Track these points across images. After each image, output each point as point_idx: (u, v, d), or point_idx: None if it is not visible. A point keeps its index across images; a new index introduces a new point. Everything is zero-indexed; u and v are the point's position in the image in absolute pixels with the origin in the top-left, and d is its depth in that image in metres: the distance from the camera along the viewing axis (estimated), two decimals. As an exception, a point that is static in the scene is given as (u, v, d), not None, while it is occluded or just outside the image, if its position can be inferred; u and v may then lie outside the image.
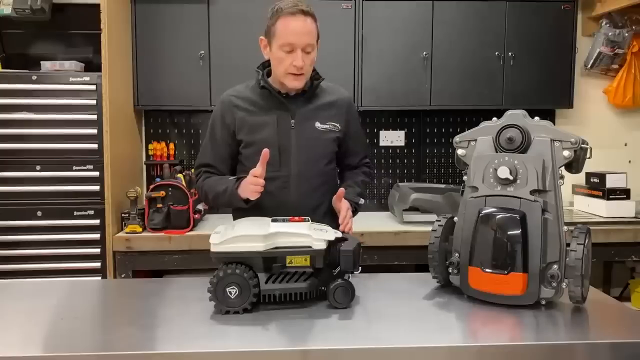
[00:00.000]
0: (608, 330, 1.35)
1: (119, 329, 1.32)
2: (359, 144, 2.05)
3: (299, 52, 1.75)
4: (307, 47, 1.77)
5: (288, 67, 1.78)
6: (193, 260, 2.75)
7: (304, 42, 1.76)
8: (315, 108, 1.89)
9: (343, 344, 1.18)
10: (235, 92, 1.92)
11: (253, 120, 1.86)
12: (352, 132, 1.98)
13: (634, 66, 3.37)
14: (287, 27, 1.75)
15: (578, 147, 1.40)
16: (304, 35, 1.76)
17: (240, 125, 1.87)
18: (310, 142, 1.86)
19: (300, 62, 1.75)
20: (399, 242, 2.82)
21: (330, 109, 1.91)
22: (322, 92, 1.93)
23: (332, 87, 1.98)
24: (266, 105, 1.87)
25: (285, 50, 1.76)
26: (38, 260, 2.84)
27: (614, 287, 3.53)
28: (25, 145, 2.84)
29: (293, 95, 1.88)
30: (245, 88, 1.92)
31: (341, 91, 2.00)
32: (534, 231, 1.36)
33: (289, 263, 1.36)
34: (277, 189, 1.80)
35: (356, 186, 1.97)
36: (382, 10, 3.07)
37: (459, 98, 3.15)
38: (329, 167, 1.93)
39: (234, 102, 1.89)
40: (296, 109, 1.87)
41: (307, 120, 1.87)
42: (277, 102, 1.86)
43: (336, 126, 1.91)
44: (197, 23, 3.02)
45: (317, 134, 1.88)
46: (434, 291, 1.54)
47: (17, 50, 3.22)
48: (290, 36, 1.75)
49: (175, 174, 2.97)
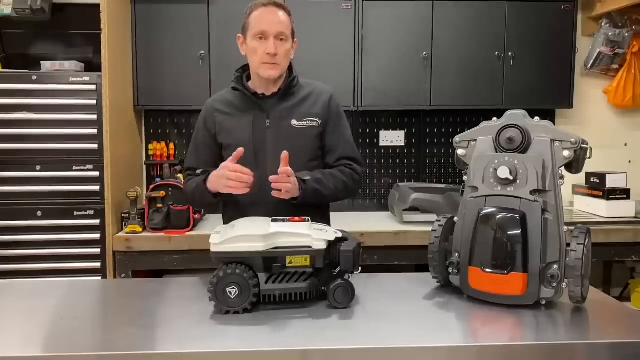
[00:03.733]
0: (608, 330, 1.35)
1: (119, 329, 1.32)
2: (337, 142, 1.93)
3: (271, 39, 1.80)
4: (279, 35, 1.81)
5: (262, 56, 1.81)
6: (193, 260, 2.75)
7: (276, 29, 1.80)
8: (291, 106, 1.89)
9: (343, 344, 1.18)
10: (217, 97, 1.98)
11: (230, 122, 1.89)
12: (330, 129, 1.92)
13: (634, 66, 3.38)
14: (259, 17, 1.83)
15: (578, 147, 1.40)
16: (275, 24, 1.81)
17: (220, 128, 1.91)
18: (287, 141, 1.83)
19: (272, 49, 1.79)
20: (399, 242, 2.82)
21: (306, 104, 1.90)
22: (299, 89, 1.93)
23: (310, 83, 1.97)
24: (243, 106, 1.90)
25: (258, 38, 1.81)
26: (38, 260, 2.84)
27: (614, 287, 3.53)
28: (25, 145, 2.84)
29: (269, 95, 1.90)
30: (226, 92, 1.97)
31: (320, 86, 1.97)
32: (534, 231, 1.36)
33: (289, 263, 1.36)
34: (255, 190, 1.75)
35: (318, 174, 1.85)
36: (382, 10, 3.07)
37: (459, 98, 3.15)
38: (312, 164, 1.89)
39: (215, 106, 1.94)
40: (270, 108, 1.88)
41: (282, 119, 1.87)
42: (252, 103, 1.89)
43: (315, 121, 1.89)
44: (197, 23, 3.02)
45: (294, 132, 1.87)
46: (434, 291, 1.54)
47: (17, 50, 3.22)
48: (262, 24, 1.81)
49: (175, 174, 2.97)
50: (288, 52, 1.86)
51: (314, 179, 1.81)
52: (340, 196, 1.92)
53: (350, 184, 1.91)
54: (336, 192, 1.87)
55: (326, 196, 1.86)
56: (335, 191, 1.86)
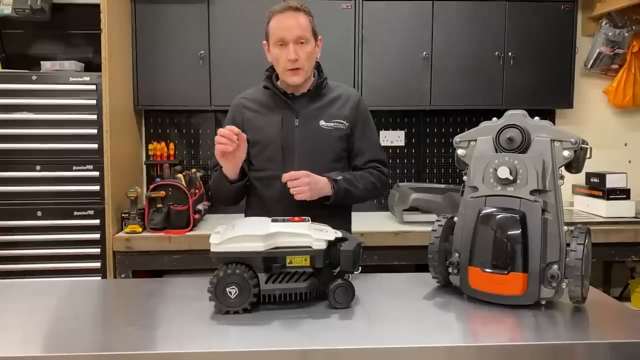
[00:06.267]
0: (608, 330, 1.35)
1: (119, 329, 1.32)
2: (365, 145, 1.97)
3: (291, 45, 1.81)
4: (299, 39, 1.82)
5: (284, 63, 1.83)
6: (193, 260, 2.75)
7: (294, 34, 1.81)
8: (320, 107, 1.92)
9: (343, 344, 1.18)
10: (246, 95, 2.00)
11: (259, 120, 1.92)
12: (358, 132, 1.95)
13: (634, 66, 3.37)
14: (277, 23, 1.83)
15: (578, 147, 1.40)
16: (293, 29, 1.81)
17: (248, 125, 1.92)
18: (315, 141, 1.88)
19: (292, 55, 1.80)
20: (399, 242, 2.82)
21: (335, 106, 1.93)
22: (328, 90, 1.96)
23: (338, 85, 2.00)
24: (272, 105, 1.92)
25: (279, 45, 1.83)
26: (38, 260, 2.84)
27: (614, 287, 3.53)
28: (25, 145, 2.84)
29: (298, 95, 1.92)
30: (256, 90, 1.99)
31: (348, 89, 2.01)
32: (534, 231, 1.36)
33: (289, 263, 1.36)
34: (281, 188, 1.81)
35: (348, 174, 1.89)
36: (382, 10, 3.07)
37: (459, 98, 3.15)
38: (337, 165, 1.92)
39: (244, 103, 1.97)
40: (300, 108, 1.90)
41: (311, 119, 1.90)
42: (282, 102, 1.91)
43: (342, 123, 1.91)
44: (197, 23, 3.02)
45: (322, 133, 1.89)
46: (434, 291, 1.54)
47: (17, 50, 3.22)
48: (280, 31, 1.82)
49: (175, 174, 2.97)
50: (310, 54, 1.86)
51: (345, 180, 1.84)
52: (368, 197, 1.98)
53: (379, 185, 1.95)
54: (365, 193, 1.92)
55: (356, 196, 1.89)
56: (364, 192, 1.90)
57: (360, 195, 1.90)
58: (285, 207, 1.77)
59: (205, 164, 3.39)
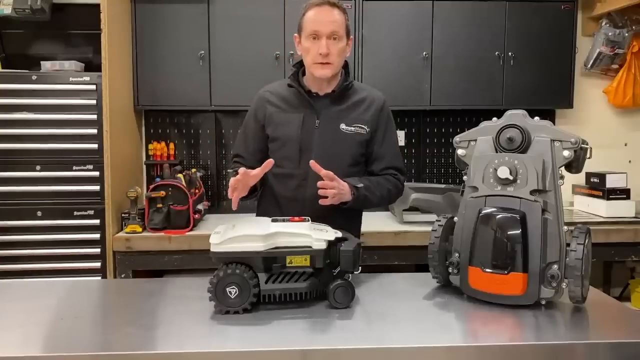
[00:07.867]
0: (608, 330, 1.35)
1: (119, 329, 1.32)
2: (385, 151, 1.92)
3: (323, 39, 1.80)
4: (332, 35, 1.80)
5: (315, 57, 1.82)
6: (193, 260, 2.75)
7: (329, 29, 1.80)
8: (342, 110, 1.89)
9: (343, 344, 1.18)
10: (270, 88, 1.98)
11: (281, 116, 1.91)
12: (378, 138, 1.91)
13: (634, 66, 3.37)
14: (312, 16, 1.82)
15: (578, 147, 1.40)
16: (328, 23, 1.80)
17: (269, 120, 1.92)
18: (333, 144, 1.86)
19: (324, 49, 1.79)
20: (399, 242, 2.82)
21: (357, 110, 1.90)
22: (353, 93, 1.93)
23: (364, 88, 1.98)
24: (295, 103, 1.91)
25: (312, 38, 1.81)
26: (38, 260, 2.84)
27: (614, 287, 3.53)
28: (25, 145, 2.84)
29: (322, 95, 1.90)
30: (280, 85, 1.98)
31: (373, 92, 1.97)
32: (534, 231, 1.36)
33: (289, 263, 1.36)
34: (295, 186, 1.82)
35: (366, 181, 1.86)
36: (382, 10, 3.07)
37: (459, 98, 3.15)
38: (353, 169, 1.89)
39: (267, 97, 1.95)
40: (322, 109, 1.88)
41: (331, 121, 1.88)
42: (305, 101, 1.89)
43: (363, 128, 1.89)
44: (197, 23, 3.01)
45: (341, 136, 1.87)
46: (434, 291, 1.54)
47: (17, 50, 3.22)
48: (315, 24, 1.81)
49: (175, 174, 2.97)
50: (341, 51, 1.85)
51: (365, 187, 1.82)
52: (382, 204, 1.96)
53: (394, 192, 1.94)
54: (381, 200, 1.90)
55: (372, 204, 1.88)
56: (380, 199, 1.89)
57: (376, 202, 1.88)
58: (297, 206, 1.78)
59: (205, 164, 3.39)
